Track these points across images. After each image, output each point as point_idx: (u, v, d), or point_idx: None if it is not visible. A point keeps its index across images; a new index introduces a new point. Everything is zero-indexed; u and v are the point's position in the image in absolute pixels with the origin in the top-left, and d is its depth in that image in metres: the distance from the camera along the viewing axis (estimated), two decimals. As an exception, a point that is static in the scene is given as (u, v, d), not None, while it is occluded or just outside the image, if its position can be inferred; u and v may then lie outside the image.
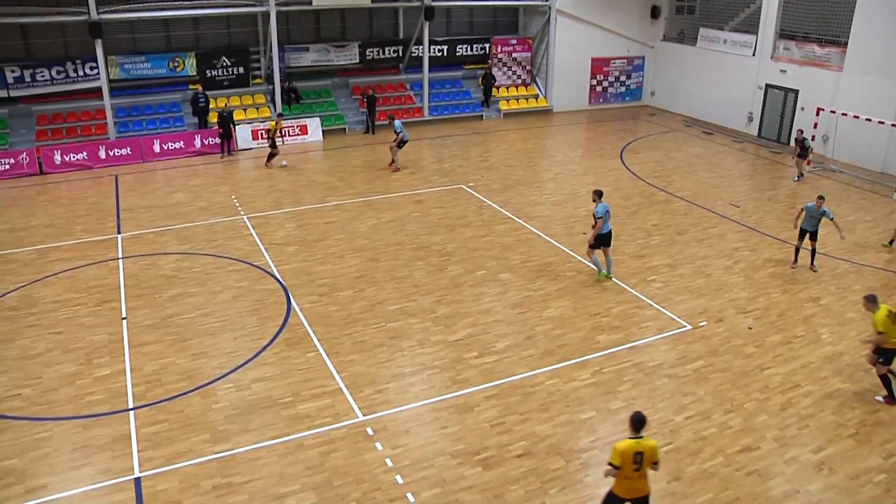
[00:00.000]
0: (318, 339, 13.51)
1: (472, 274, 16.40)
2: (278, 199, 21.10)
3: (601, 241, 15.88)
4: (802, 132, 24.43)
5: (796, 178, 24.09)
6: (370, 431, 10.93)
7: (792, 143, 24.05)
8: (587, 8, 32.50)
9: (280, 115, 25.79)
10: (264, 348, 13.19)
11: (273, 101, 28.08)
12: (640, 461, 8.29)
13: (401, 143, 23.85)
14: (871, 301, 11.96)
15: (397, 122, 23.95)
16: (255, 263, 16.75)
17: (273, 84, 27.59)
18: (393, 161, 24.19)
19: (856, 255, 18.06)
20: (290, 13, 28.20)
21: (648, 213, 20.46)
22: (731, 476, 10.21)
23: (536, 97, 33.59)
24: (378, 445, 10.63)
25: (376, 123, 28.90)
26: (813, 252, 16.75)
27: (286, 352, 13.10)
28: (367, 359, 12.91)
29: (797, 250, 16.95)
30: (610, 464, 8.35)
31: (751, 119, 30.21)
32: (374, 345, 13.37)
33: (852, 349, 13.63)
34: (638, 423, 8.41)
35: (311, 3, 26.94)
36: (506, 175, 23.72)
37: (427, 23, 29.30)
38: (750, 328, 14.30)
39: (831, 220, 16.43)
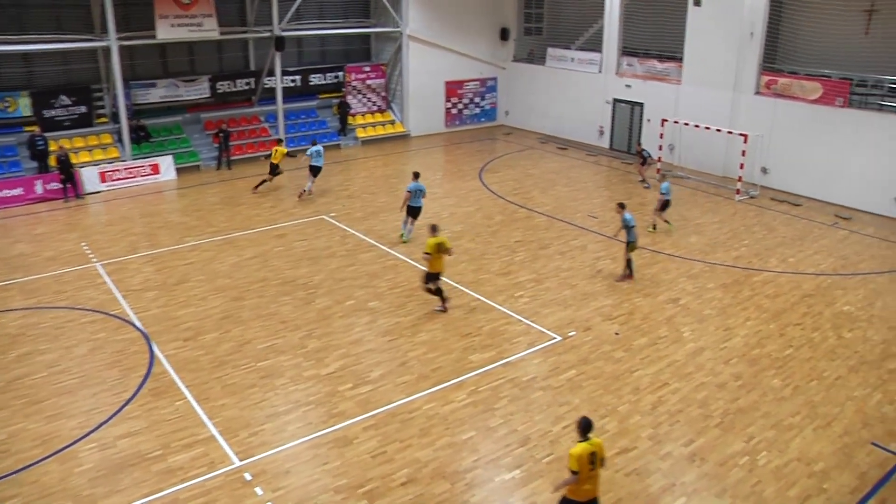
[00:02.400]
0: (186, 386, 13.03)
1: (340, 305, 16.33)
2: (133, 243, 20.21)
3: (411, 213, 19.73)
4: (641, 144, 26.18)
5: (647, 186, 25.68)
6: (248, 476, 10.65)
7: (645, 152, 25.77)
8: (438, 32, 33.29)
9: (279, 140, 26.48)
10: (128, 401, 12.57)
11: (121, 140, 26.93)
12: (594, 461, 8.67)
13: (314, 170, 23.77)
14: (432, 230, 15.39)
15: (314, 148, 23.98)
16: (111, 313, 15.96)
17: (120, 123, 26.49)
18: (304, 191, 24.14)
19: (707, 255, 19.39)
20: (134, 48, 27.18)
21: (511, 231, 21.09)
22: (611, 478, 10.65)
23: (393, 123, 33.96)
24: (258, 490, 10.37)
25: (232, 158, 28.32)
26: (628, 263, 17.68)
27: (152, 403, 12.54)
28: (240, 401, 12.57)
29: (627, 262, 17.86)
30: (571, 471, 8.63)
31: (602, 133, 31.84)
32: (246, 386, 13.05)
33: (712, 344, 14.64)
34: (586, 426, 8.77)
35: (155, 37, 26.15)
36: (367, 203, 23.80)
37: (278, 53, 29.07)
38: (617, 334, 15.04)
39: (631, 228, 17.08)
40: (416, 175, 19.93)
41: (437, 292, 15.79)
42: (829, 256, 19.47)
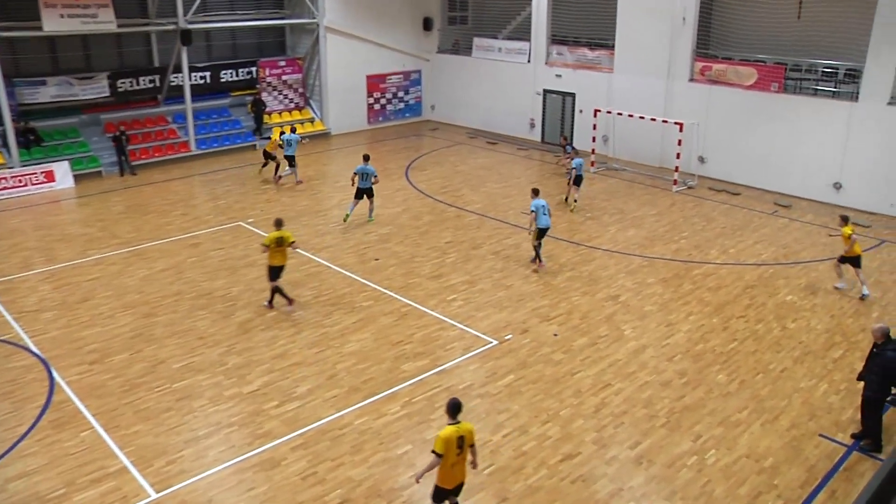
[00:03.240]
0: (93, 415, 12.59)
1: (261, 317, 16.08)
2: (26, 259, 19.46)
3: (358, 194, 21.29)
4: (566, 139, 26.63)
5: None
6: (165, 509, 10.38)
7: (568, 148, 26.22)
8: (357, 23, 33.16)
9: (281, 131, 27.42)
10: (23, 437, 12.02)
11: (6, 144, 25.86)
12: (462, 445, 8.92)
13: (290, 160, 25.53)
14: (276, 224, 16.07)
15: (287, 136, 25.47)
16: (2, 338, 15.31)
17: (4, 125, 25.44)
18: (280, 177, 26.03)
19: (646, 248, 19.80)
20: (16, 40, 26.12)
21: (441, 231, 21.13)
22: (556, 487, 10.75)
23: (312, 121, 33.67)
24: (176, 523, 10.11)
25: (134, 163, 27.55)
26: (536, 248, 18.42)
27: (53, 436, 12.05)
28: (154, 427, 12.23)
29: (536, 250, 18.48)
30: (434, 452, 8.84)
31: (533, 125, 32.21)
32: (161, 410, 12.69)
33: (654, 341, 14.93)
34: (454, 408, 9.03)
35: (41, 29, 25.21)
36: (287, 206, 23.52)
37: (185, 48, 28.45)
38: (555, 335, 15.19)
39: (536, 215, 17.90)
40: (366, 158, 21.58)
41: (276, 290, 16.22)
42: (770, 245, 20.12)
